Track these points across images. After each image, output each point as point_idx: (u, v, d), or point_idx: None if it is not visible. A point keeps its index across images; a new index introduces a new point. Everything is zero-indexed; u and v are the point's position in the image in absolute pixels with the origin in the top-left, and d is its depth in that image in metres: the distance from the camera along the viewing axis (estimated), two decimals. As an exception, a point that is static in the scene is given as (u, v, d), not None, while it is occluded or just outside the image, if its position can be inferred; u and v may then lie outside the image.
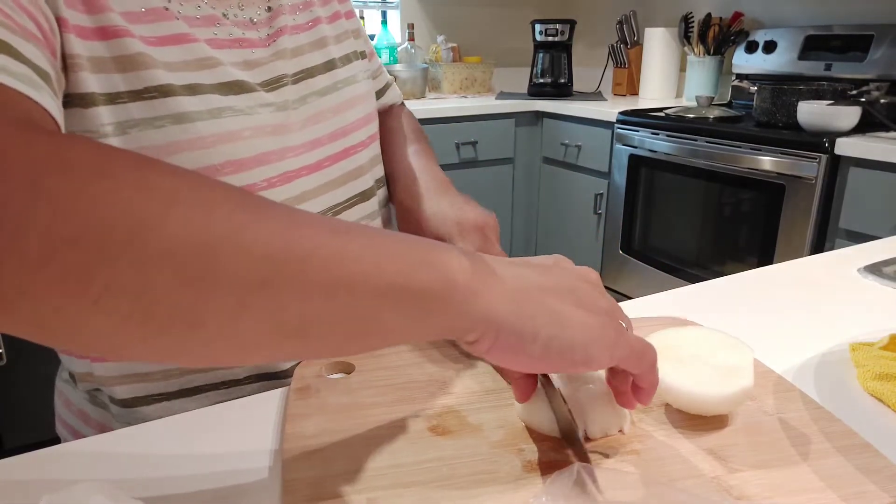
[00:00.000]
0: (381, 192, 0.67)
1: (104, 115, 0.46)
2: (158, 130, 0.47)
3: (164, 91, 0.48)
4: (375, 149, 0.65)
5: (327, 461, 0.40)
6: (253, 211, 0.29)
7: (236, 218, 0.28)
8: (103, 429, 0.58)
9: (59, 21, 0.44)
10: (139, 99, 0.47)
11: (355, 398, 0.47)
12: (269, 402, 0.50)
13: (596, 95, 2.70)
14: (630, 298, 0.70)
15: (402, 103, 0.82)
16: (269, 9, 0.58)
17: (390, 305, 0.30)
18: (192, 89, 0.49)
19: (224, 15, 0.54)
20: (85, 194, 0.25)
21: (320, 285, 0.29)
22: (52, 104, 0.39)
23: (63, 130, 0.41)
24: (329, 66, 0.61)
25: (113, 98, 0.46)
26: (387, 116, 0.76)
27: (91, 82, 0.46)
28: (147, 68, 0.47)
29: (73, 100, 0.46)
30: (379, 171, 0.67)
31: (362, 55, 0.68)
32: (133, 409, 0.56)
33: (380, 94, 0.76)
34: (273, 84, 0.56)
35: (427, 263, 0.31)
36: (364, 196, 0.62)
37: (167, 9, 0.49)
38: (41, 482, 0.41)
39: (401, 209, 0.62)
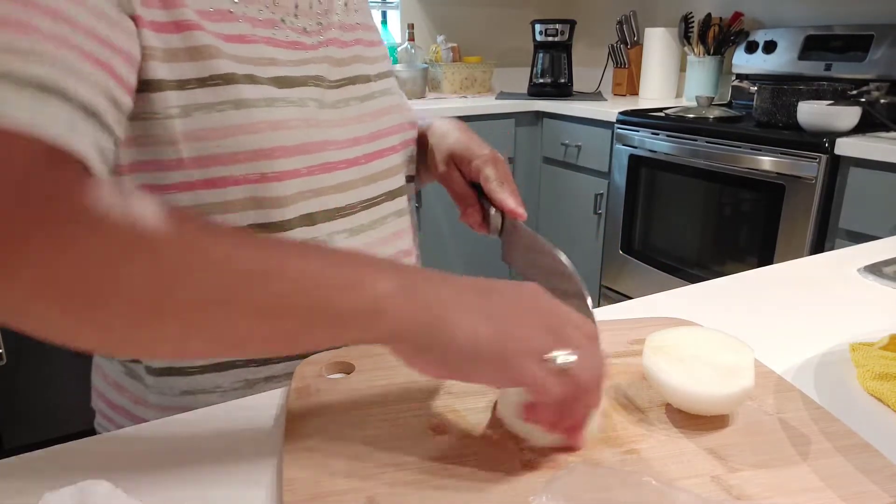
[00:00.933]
0: (410, 193, 0.72)
1: (171, 99, 0.50)
2: (219, 114, 0.52)
3: (227, 79, 0.52)
4: (406, 154, 0.70)
5: (327, 460, 0.40)
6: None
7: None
8: (137, 400, 0.61)
9: (134, 19, 0.47)
10: (205, 86, 0.51)
11: (355, 398, 0.47)
12: (269, 401, 0.50)
13: (596, 95, 2.70)
14: (630, 298, 0.70)
15: None
16: (320, 23, 0.63)
17: (318, 324, 0.36)
18: (252, 79, 0.54)
19: (283, 20, 0.59)
20: (73, 248, 0.31)
21: (258, 309, 0.34)
22: (88, 149, 0.39)
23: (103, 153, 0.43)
24: (366, 78, 0.66)
25: (182, 84, 0.51)
26: None
27: (161, 70, 0.50)
28: (214, 58, 0.52)
29: (141, 85, 0.50)
30: (408, 173, 0.71)
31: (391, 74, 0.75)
32: (167, 377, 0.58)
33: None
34: (320, 82, 0.61)
35: (354, 286, 0.36)
36: (391, 195, 0.67)
37: (231, 11, 0.54)
38: (41, 482, 0.41)
39: (438, 134, 0.70)
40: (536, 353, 0.38)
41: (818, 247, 1.68)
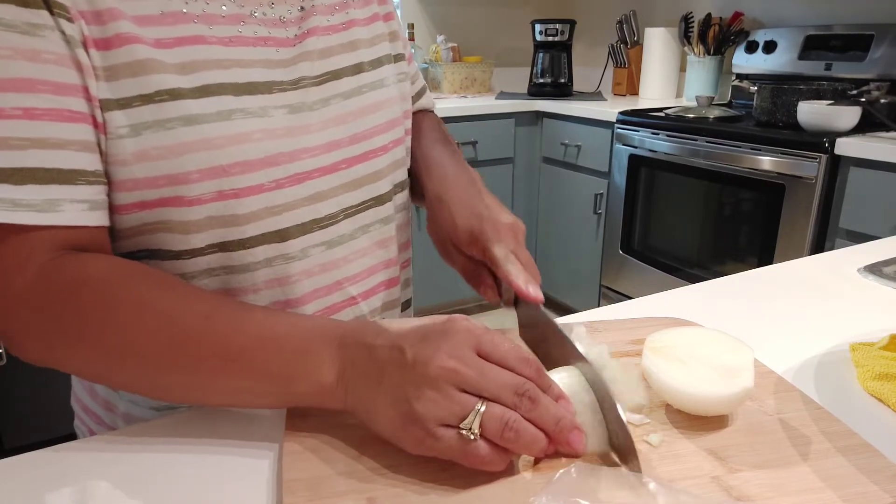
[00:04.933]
0: (400, 197, 0.67)
1: (119, 119, 0.48)
2: (169, 132, 0.49)
3: (173, 94, 0.49)
4: (397, 154, 0.65)
5: (327, 461, 0.40)
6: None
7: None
8: (108, 406, 0.60)
9: (84, 43, 0.46)
10: (150, 102, 0.48)
11: (355, 398, 0.47)
12: (268, 402, 0.50)
13: (596, 95, 2.70)
14: (630, 298, 0.70)
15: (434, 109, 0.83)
16: (302, 8, 0.58)
17: (279, 403, 0.45)
18: (204, 91, 0.50)
19: (252, 14, 0.54)
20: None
21: (223, 393, 0.45)
22: (71, 215, 0.46)
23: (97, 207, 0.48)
24: (357, 69, 0.61)
25: (128, 102, 0.48)
26: (421, 117, 0.76)
27: (105, 90, 0.47)
28: (157, 73, 0.48)
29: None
30: (399, 176, 0.67)
31: (396, 58, 0.68)
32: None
33: (415, 98, 0.76)
34: (294, 85, 0.56)
35: (302, 377, 0.43)
36: (379, 200, 0.63)
37: (185, 12, 0.50)
38: (41, 482, 0.41)
39: (435, 200, 0.62)
40: (445, 425, 0.38)
41: (818, 247, 1.68)
